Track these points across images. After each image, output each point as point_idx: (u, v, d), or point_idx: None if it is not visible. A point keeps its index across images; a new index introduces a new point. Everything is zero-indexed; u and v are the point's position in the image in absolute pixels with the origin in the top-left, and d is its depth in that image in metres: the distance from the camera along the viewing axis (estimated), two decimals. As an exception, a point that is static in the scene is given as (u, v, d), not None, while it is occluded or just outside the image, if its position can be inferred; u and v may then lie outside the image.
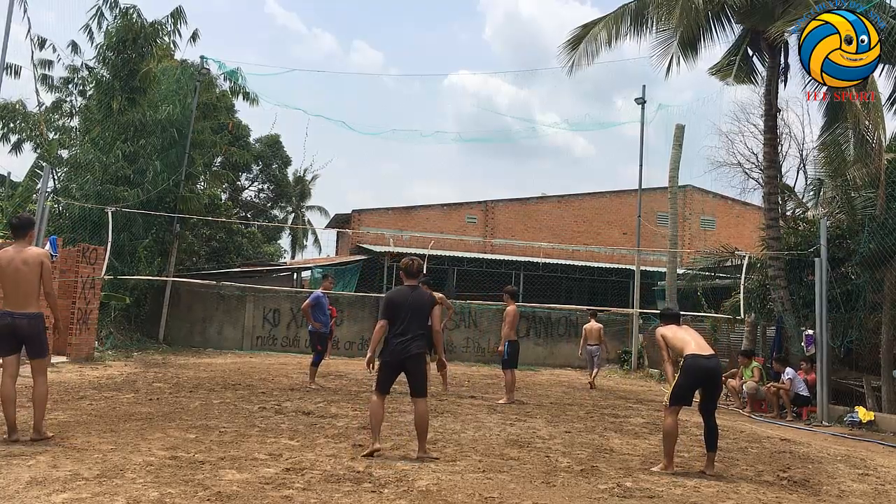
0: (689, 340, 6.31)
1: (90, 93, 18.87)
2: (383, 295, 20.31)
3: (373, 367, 6.29)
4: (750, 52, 14.34)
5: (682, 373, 6.19)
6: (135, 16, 17.61)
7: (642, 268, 20.64)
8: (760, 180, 20.70)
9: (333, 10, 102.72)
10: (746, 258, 14.43)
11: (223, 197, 29.30)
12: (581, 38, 15.11)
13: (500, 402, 10.40)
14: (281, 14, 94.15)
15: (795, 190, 21.73)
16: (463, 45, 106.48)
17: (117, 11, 17.65)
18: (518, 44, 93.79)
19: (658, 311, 9.69)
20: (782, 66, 13.65)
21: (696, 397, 6.47)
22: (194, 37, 19.44)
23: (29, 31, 16.25)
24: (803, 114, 45.06)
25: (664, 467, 6.11)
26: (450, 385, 11.55)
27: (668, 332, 6.50)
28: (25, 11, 13.94)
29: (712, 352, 6.38)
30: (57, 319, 6.51)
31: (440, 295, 11.19)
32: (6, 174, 18.38)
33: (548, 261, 24.65)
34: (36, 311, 5.87)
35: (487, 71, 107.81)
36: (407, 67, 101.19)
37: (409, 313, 6.11)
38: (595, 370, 14.35)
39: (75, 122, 19.51)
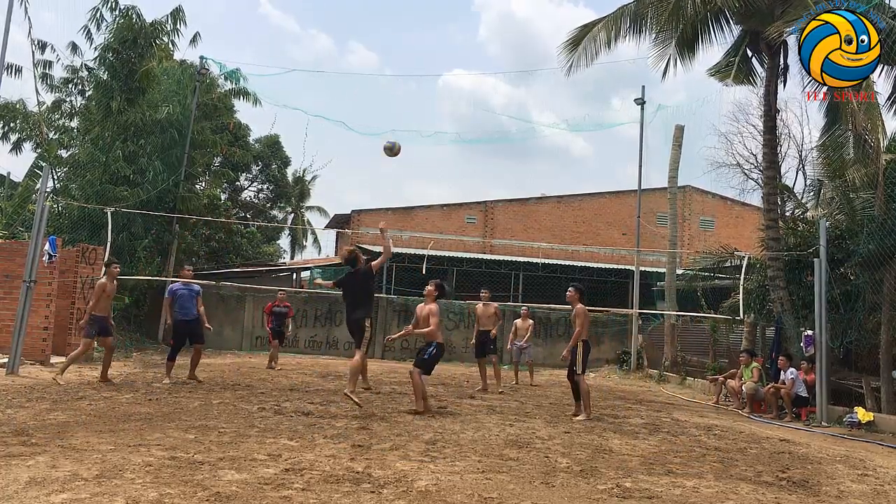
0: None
1: (90, 93, 18.87)
2: (383, 295, 20.70)
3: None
4: (749, 53, 14.33)
5: (585, 351, 9.14)
6: (135, 16, 17.62)
7: (642, 268, 20.63)
8: (760, 181, 20.72)
9: (329, 11, 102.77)
10: (746, 259, 14.44)
11: (223, 197, 29.29)
12: (580, 39, 15.09)
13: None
14: (276, 15, 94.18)
15: (795, 190, 21.78)
16: (458, 47, 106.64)
17: (117, 12, 17.65)
18: (513, 45, 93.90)
19: (654, 312, 10.94)
20: (782, 66, 13.63)
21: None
22: (195, 39, 19.45)
23: (30, 31, 16.29)
24: (802, 114, 45.04)
25: (586, 416, 9.01)
26: (449, 385, 11.53)
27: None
28: (26, 11, 13.96)
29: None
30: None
31: (496, 305, 13.17)
32: (6, 174, 18.39)
33: (547, 261, 24.64)
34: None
35: (484, 72, 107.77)
36: (403, 69, 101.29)
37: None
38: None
39: (75, 122, 19.52)
